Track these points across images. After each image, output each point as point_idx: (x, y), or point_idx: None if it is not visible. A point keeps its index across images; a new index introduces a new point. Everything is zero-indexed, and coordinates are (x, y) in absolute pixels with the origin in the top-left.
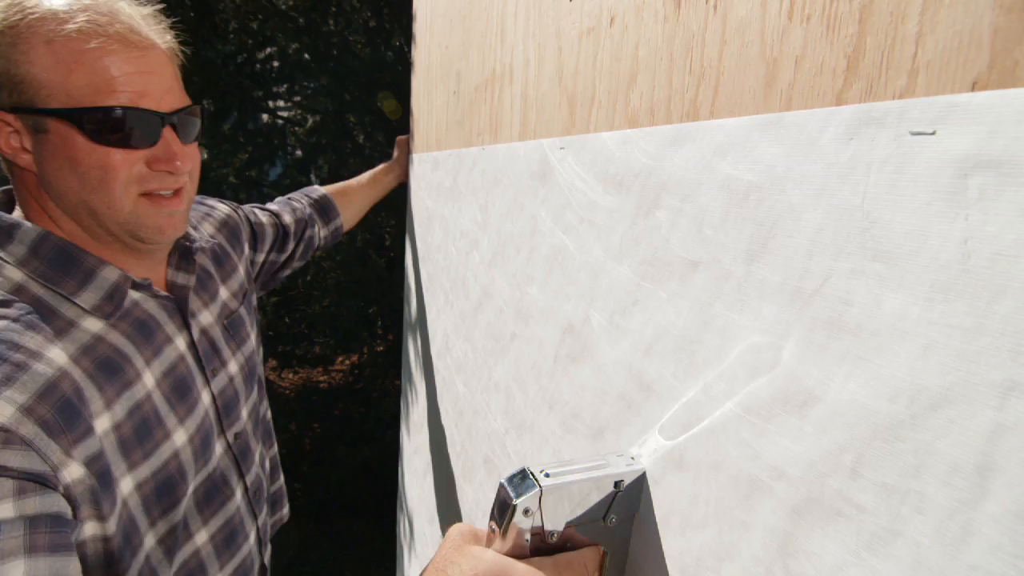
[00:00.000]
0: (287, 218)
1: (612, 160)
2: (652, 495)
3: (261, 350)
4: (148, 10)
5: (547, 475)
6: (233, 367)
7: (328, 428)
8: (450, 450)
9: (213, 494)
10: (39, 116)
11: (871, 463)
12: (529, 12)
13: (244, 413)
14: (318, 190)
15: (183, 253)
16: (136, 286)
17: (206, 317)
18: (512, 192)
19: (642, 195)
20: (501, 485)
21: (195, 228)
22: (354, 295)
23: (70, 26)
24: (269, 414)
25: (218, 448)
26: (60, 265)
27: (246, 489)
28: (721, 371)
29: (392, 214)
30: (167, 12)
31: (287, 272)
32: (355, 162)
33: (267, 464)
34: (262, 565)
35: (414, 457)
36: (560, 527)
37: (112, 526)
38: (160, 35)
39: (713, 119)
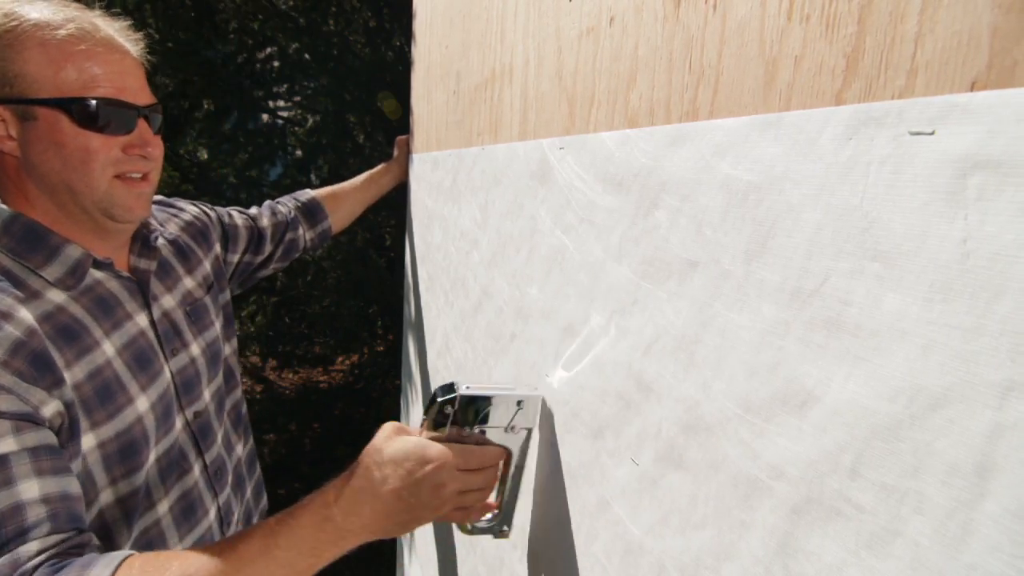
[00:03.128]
0: (264, 222)
1: (612, 160)
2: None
3: (234, 343)
4: (123, 23)
5: (467, 388)
6: (195, 349)
7: (328, 428)
8: None
9: (172, 467)
10: (30, 106)
11: (870, 463)
12: (529, 12)
13: (206, 394)
14: (307, 193)
15: (144, 241)
16: (97, 264)
17: (168, 301)
18: (512, 192)
19: (641, 195)
20: (434, 391)
21: (161, 225)
22: (354, 295)
23: (61, 31)
24: (245, 408)
25: (178, 423)
26: (28, 242)
27: (205, 467)
28: (720, 370)
29: (392, 214)
30: (169, 12)
31: (267, 272)
32: (355, 162)
33: (239, 453)
34: None
35: None
36: (474, 429)
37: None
38: (133, 44)
39: (712, 119)
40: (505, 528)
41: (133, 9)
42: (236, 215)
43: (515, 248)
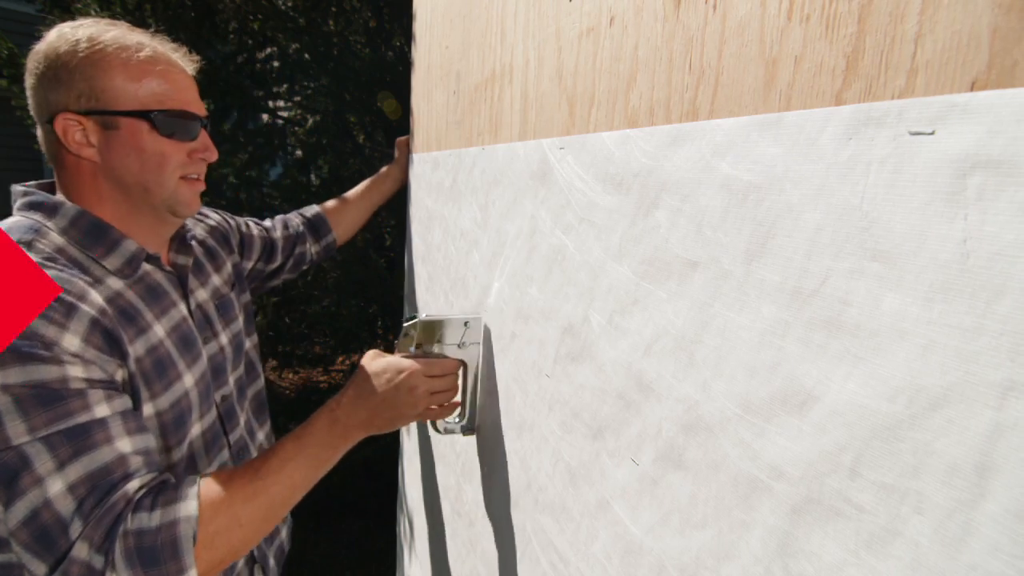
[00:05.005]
0: (277, 233)
1: (611, 160)
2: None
3: (254, 338)
4: (181, 47)
5: (426, 315)
6: (223, 339)
7: None
8: (450, 449)
9: (212, 441)
10: (113, 116)
11: (870, 463)
12: (529, 12)
13: (231, 380)
14: (313, 208)
15: (181, 240)
16: (149, 258)
17: (201, 294)
18: (512, 192)
19: (641, 195)
20: (402, 321)
21: (190, 229)
22: (354, 295)
23: (142, 53)
24: (264, 397)
25: (214, 403)
26: (93, 235)
27: (230, 446)
28: (720, 370)
29: (392, 214)
30: (169, 12)
31: (276, 281)
32: (355, 162)
33: (260, 437)
34: None
35: (414, 457)
36: (432, 346)
37: None
38: (191, 65)
39: (712, 119)
40: (471, 428)
41: (133, 9)
42: (252, 225)
43: (515, 248)
